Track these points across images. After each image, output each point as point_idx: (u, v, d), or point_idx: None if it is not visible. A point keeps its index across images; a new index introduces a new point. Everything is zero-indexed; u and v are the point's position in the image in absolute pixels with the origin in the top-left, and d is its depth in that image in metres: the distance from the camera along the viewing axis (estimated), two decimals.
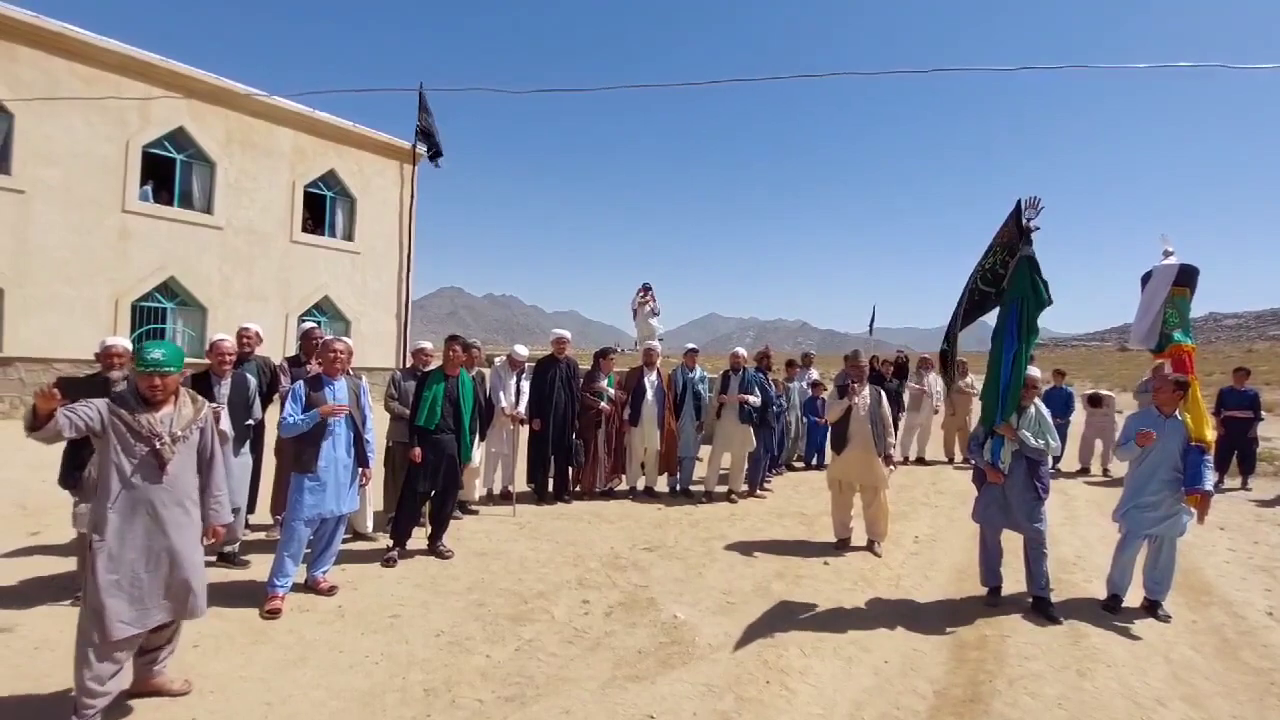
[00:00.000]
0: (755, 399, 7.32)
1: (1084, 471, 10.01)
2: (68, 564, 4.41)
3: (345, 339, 4.65)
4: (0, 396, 11.65)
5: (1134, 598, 4.62)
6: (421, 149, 11.71)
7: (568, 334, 7.38)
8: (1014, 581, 4.72)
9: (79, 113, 11.98)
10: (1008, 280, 4.40)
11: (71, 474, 4.03)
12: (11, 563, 4.59)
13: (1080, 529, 6.76)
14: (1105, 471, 9.97)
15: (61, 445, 4.05)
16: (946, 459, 10.58)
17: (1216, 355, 42.17)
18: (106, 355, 4.13)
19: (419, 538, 5.27)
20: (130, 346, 4.27)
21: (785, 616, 4.28)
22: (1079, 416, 10.56)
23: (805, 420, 9.68)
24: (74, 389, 4.03)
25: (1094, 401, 10.32)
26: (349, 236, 17.12)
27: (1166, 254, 4.88)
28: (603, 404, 7.21)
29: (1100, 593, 4.81)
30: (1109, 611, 4.52)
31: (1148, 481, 4.48)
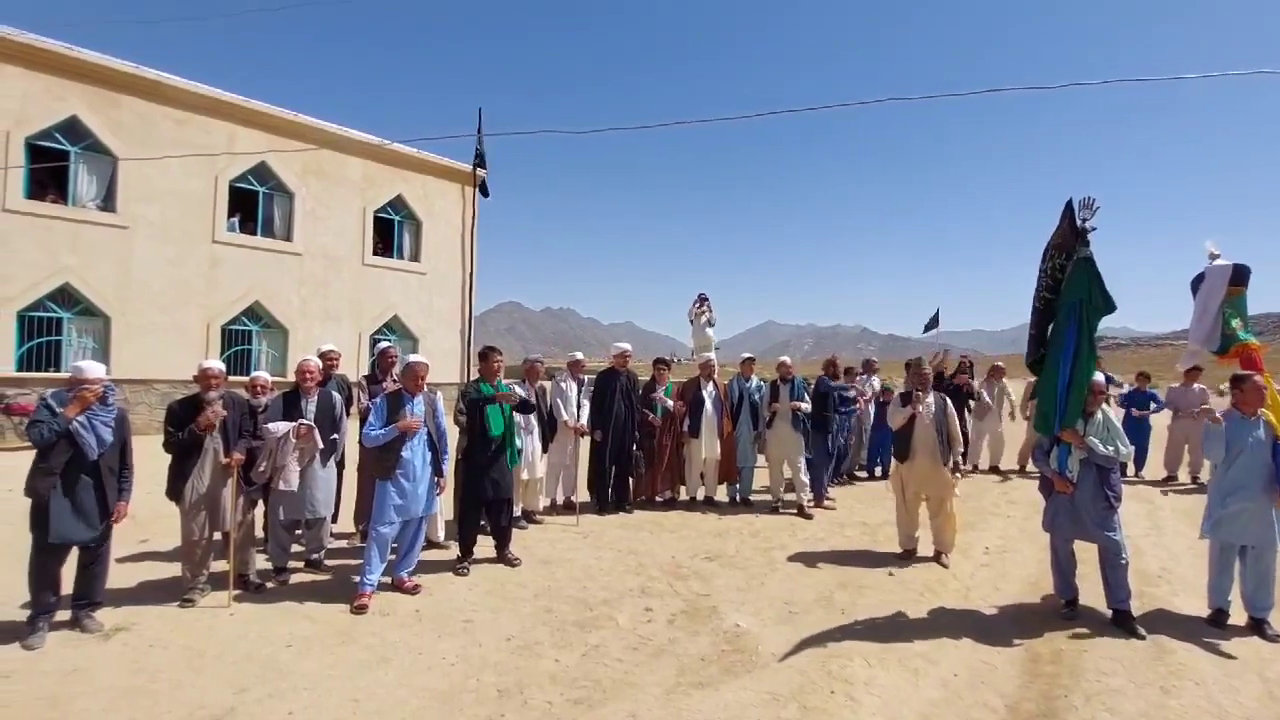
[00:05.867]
0: (807, 405, 7.32)
1: (1170, 479, 9.46)
2: (173, 569, 4.81)
3: (424, 359, 4.91)
4: None
5: (1236, 616, 4.37)
6: (482, 172, 12.15)
7: (629, 348, 7.52)
8: (1094, 594, 4.54)
9: (175, 152, 13.02)
10: (1065, 283, 4.28)
11: (176, 486, 4.42)
12: (125, 568, 5.03)
13: (1166, 540, 6.40)
14: (1194, 479, 9.40)
15: (167, 460, 4.47)
16: (1019, 467, 10.17)
17: None
18: (204, 377, 4.50)
19: (487, 547, 5.48)
20: (224, 369, 4.66)
21: (849, 627, 4.25)
22: (1162, 421, 9.98)
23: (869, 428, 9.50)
24: (178, 411, 4.44)
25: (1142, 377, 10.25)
26: (416, 258, 17.88)
27: (1213, 256, 4.87)
28: (651, 417, 7.32)
29: (1188, 607, 4.58)
30: (1215, 627, 4.29)
31: (1237, 488, 4.25)
